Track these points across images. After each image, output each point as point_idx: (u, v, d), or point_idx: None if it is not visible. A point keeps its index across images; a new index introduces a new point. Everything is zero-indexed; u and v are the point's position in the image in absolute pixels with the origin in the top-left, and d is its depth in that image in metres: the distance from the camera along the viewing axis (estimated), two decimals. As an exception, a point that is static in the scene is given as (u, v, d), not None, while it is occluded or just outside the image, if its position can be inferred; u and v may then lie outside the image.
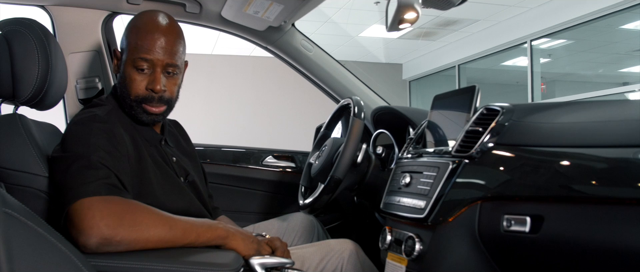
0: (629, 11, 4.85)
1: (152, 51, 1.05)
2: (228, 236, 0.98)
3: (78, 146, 0.94)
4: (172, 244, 0.90)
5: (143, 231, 0.86)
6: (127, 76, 1.07)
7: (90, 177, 0.88)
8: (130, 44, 1.07)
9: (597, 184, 0.72)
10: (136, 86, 1.06)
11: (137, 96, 1.07)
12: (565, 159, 0.79)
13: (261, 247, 1.03)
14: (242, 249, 0.98)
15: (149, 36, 1.05)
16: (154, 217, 0.90)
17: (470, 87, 1.06)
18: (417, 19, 1.25)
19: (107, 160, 0.93)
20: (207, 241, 0.95)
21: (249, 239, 1.01)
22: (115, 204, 0.87)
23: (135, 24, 1.10)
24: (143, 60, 1.05)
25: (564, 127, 0.88)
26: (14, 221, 0.49)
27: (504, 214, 0.83)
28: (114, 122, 1.03)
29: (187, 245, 0.93)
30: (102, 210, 0.84)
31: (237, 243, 0.98)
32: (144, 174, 1.04)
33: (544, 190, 0.79)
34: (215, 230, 0.97)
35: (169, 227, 0.90)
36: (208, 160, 1.81)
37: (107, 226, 0.83)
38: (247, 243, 1.00)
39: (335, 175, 1.23)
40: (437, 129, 1.15)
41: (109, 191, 0.88)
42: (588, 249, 0.72)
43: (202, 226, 0.96)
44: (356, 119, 1.27)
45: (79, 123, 1.00)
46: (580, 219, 0.73)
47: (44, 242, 0.52)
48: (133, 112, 1.09)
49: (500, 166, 0.89)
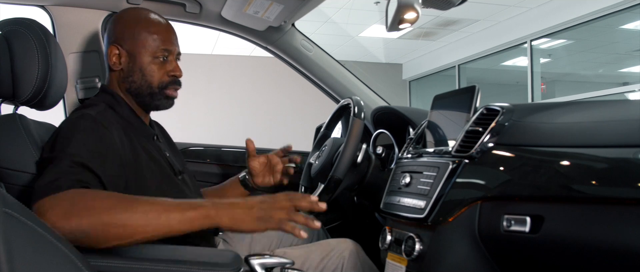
0: (629, 11, 4.85)
1: (169, 42, 1.16)
2: (218, 213, 0.83)
3: (59, 145, 0.93)
4: (148, 229, 0.80)
5: (97, 215, 0.78)
6: (146, 68, 1.13)
7: (55, 177, 0.84)
8: (142, 38, 1.13)
9: (597, 184, 0.72)
10: (159, 75, 1.15)
11: (162, 83, 1.15)
12: (565, 159, 0.79)
13: (270, 213, 0.85)
14: (244, 223, 0.84)
15: (163, 29, 1.16)
16: (112, 200, 0.81)
17: (470, 87, 1.06)
18: (417, 19, 1.25)
19: (86, 158, 0.89)
20: (192, 222, 0.82)
21: (250, 207, 0.85)
22: (69, 195, 0.81)
23: (138, 19, 1.15)
24: (165, 51, 1.15)
25: (564, 127, 0.88)
26: (14, 221, 0.49)
27: (504, 214, 0.83)
28: (108, 120, 1.02)
29: (171, 232, 0.82)
30: (54, 206, 0.79)
31: (232, 217, 0.84)
32: (139, 170, 1.04)
33: (544, 190, 0.79)
34: (200, 208, 0.83)
35: (132, 209, 0.80)
36: (208, 160, 1.81)
37: (57, 218, 0.77)
38: (247, 213, 0.84)
39: (335, 175, 1.23)
40: (437, 129, 1.15)
41: (70, 186, 0.83)
42: (588, 249, 0.72)
43: (181, 205, 0.83)
44: (356, 119, 1.27)
45: (67, 123, 1.00)
46: (580, 219, 0.73)
47: (44, 242, 0.52)
48: (153, 101, 1.15)
49: (500, 166, 0.89)
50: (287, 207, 0.86)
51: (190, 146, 1.80)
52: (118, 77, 1.15)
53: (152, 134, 1.19)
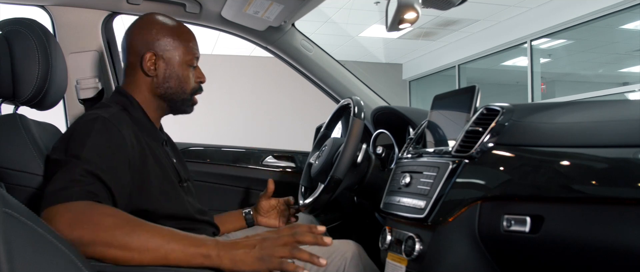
0: (629, 11, 4.85)
1: (198, 50, 1.22)
2: (219, 254, 0.82)
3: (72, 149, 0.93)
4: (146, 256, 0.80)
5: (100, 232, 0.79)
6: (182, 75, 1.18)
7: (67, 185, 0.85)
8: (180, 46, 1.17)
9: (597, 184, 0.72)
10: (191, 82, 1.20)
11: (193, 89, 1.21)
12: (565, 159, 0.79)
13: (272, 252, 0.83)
14: (245, 265, 0.82)
15: (193, 37, 1.21)
16: (118, 220, 0.82)
17: (470, 87, 1.06)
18: (417, 19, 1.25)
19: (97, 165, 0.90)
20: (192, 259, 0.81)
21: (251, 246, 0.84)
22: (78, 207, 0.82)
23: (171, 28, 1.18)
24: (196, 59, 1.21)
25: (564, 127, 0.88)
26: (14, 221, 0.49)
27: (504, 214, 0.83)
28: (120, 123, 1.02)
29: (168, 263, 0.81)
30: (61, 215, 0.80)
31: (232, 259, 0.82)
32: (145, 174, 1.04)
33: (544, 190, 0.79)
34: (203, 246, 0.82)
35: (135, 233, 0.81)
36: (208, 160, 1.81)
37: (63, 226, 0.78)
38: (248, 254, 0.83)
39: (335, 175, 1.23)
40: (437, 129, 1.15)
41: (80, 197, 0.84)
42: (588, 249, 0.71)
43: (184, 239, 0.83)
44: (356, 119, 1.27)
45: (80, 124, 1.00)
46: (580, 219, 0.73)
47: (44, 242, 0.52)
48: (183, 106, 1.20)
49: (500, 166, 0.89)
50: (290, 243, 0.84)
51: (190, 146, 1.80)
52: (151, 82, 1.15)
53: (162, 138, 1.20)
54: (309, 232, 0.85)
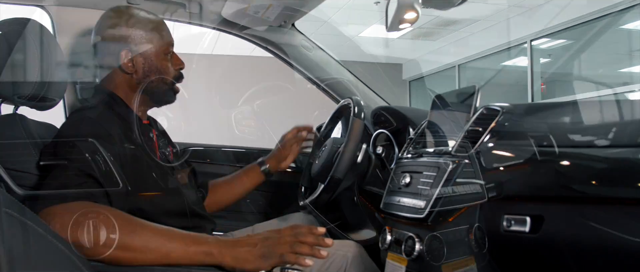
0: (629, 11, 4.85)
1: (170, 36, 1.20)
2: (221, 251, 0.83)
3: (62, 151, 0.94)
4: (148, 256, 0.81)
5: (101, 234, 0.80)
6: (161, 65, 1.16)
7: (62, 186, 0.86)
8: (152, 39, 1.15)
9: (597, 184, 0.73)
10: (171, 71, 1.19)
11: (175, 78, 1.20)
12: (565, 159, 0.79)
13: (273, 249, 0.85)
14: (247, 262, 0.84)
15: (165, 28, 1.19)
16: (118, 221, 0.82)
17: (470, 87, 1.06)
18: (417, 19, 1.25)
19: (91, 167, 0.90)
20: (194, 257, 0.83)
21: (253, 245, 0.85)
22: (75, 207, 0.82)
23: (141, 20, 1.16)
24: (170, 46, 1.19)
25: (563, 127, 0.88)
26: (14, 221, 0.49)
27: (504, 214, 0.83)
28: (107, 122, 1.03)
29: (170, 263, 0.82)
30: (59, 215, 0.80)
31: (235, 257, 0.83)
32: (138, 171, 1.04)
33: (544, 190, 0.79)
34: (204, 244, 0.83)
35: (135, 234, 0.81)
36: (208, 160, 1.81)
37: (61, 227, 0.79)
38: (250, 252, 0.84)
39: (335, 175, 1.23)
40: (437, 129, 1.15)
41: (77, 198, 0.85)
42: (588, 249, 0.72)
43: (185, 238, 0.84)
44: (356, 119, 1.27)
45: (67, 127, 1.01)
46: (580, 219, 0.73)
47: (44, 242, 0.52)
48: (165, 97, 1.19)
49: (500, 166, 0.89)
50: (291, 242, 0.85)
51: (190, 146, 1.80)
52: (131, 79, 1.15)
53: (149, 130, 1.20)
54: (310, 233, 0.86)
